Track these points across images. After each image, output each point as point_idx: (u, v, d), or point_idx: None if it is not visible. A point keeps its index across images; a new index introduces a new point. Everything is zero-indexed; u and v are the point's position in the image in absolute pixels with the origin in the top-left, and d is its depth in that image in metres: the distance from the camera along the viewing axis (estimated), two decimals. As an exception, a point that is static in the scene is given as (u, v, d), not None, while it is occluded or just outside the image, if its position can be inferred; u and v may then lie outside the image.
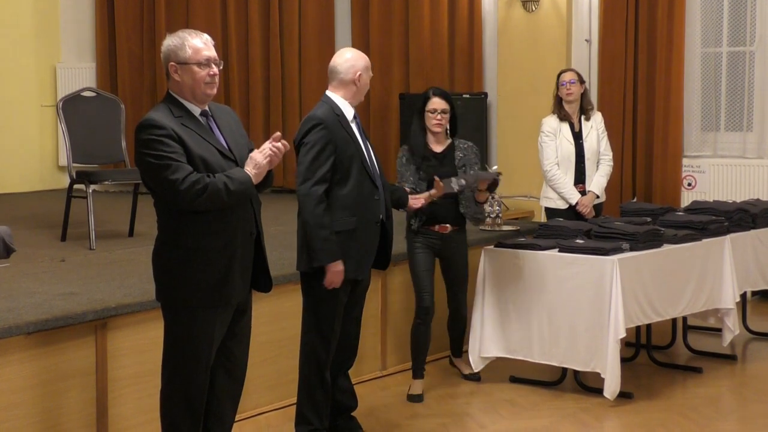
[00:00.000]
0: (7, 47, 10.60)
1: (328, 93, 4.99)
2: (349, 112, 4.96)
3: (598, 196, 6.93)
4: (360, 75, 4.97)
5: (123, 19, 10.75)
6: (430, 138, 5.95)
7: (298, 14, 10.13)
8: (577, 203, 6.80)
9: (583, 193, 6.85)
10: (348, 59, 4.99)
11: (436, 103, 5.88)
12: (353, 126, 4.95)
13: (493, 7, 9.39)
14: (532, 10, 9.05)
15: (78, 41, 11.12)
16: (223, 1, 10.38)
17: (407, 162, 5.90)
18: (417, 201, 5.56)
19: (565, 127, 6.84)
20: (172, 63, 4.03)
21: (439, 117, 5.87)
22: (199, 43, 4.04)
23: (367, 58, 5.08)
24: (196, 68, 4.02)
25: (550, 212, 6.94)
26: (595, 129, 6.89)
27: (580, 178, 6.87)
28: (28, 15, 10.83)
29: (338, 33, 10.08)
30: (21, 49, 10.76)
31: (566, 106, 6.86)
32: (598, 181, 6.91)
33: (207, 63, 4.04)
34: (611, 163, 7.00)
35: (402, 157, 5.95)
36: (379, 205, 4.96)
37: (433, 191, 5.60)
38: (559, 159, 6.82)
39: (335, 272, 4.78)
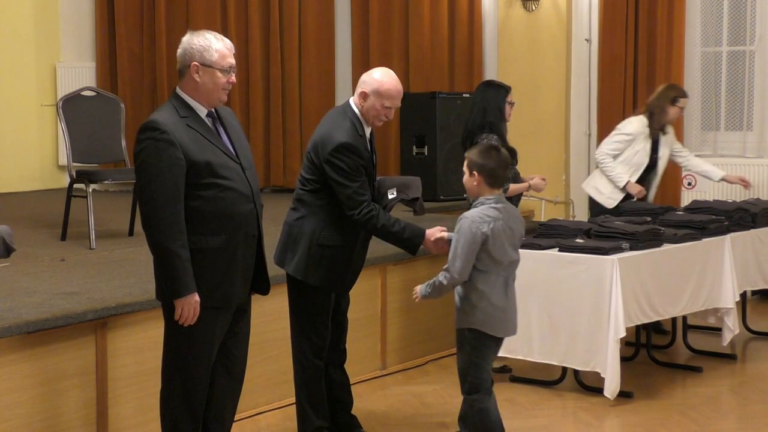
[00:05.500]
0: (7, 47, 10.59)
1: (351, 102, 4.75)
2: (367, 130, 4.77)
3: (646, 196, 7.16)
4: (364, 92, 4.66)
5: (123, 18, 10.75)
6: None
7: (298, 13, 10.13)
8: (627, 184, 6.98)
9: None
10: (371, 73, 4.72)
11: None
12: (370, 145, 4.80)
13: (493, 7, 9.39)
14: (532, 10, 9.05)
15: (78, 41, 11.11)
16: (222, 0, 10.38)
17: None
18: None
19: (648, 138, 7.04)
20: (196, 63, 4.00)
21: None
22: (224, 49, 4.04)
23: (392, 87, 4.66)
24: (219, 73, 4.02)
25: (594, 205, 7.12)
26: (668, 147, 7.15)
27: (641, 184, 7.10)
28: (28, 14, 10.83)
29: (338, 32, 10.08)
30: (21, 49, 10.76)
31: (658, 122, 7.05)
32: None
33: (229, 70, 4.05)
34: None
35: None
36: None
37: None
38: (627, 162, 7.03)
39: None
